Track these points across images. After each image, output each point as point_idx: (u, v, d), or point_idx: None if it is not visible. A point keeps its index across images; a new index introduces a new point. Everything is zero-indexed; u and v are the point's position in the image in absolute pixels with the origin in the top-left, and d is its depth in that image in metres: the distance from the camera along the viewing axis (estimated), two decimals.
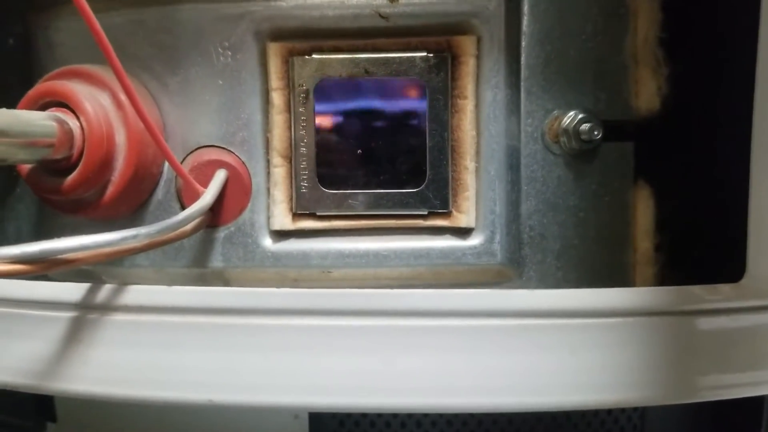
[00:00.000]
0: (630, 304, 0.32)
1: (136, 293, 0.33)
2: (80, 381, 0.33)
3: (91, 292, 0.33)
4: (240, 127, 0.37)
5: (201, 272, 0.38)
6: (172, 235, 0.33)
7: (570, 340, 0.31)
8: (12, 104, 0.32)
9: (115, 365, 0.33)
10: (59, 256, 0.29)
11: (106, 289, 0.33)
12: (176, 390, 0.32)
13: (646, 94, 0.37)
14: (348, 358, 0.32)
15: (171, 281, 0.37)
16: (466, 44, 0.36)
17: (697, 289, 0.33)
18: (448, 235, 0.37)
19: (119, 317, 0.33)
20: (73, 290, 0.33)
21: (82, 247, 0.29)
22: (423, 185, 0.36)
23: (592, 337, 0.31)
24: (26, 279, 0.34)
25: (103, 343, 0.33)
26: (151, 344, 0.32)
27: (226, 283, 0.38)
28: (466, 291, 0.32)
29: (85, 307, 0.33)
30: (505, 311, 0.31)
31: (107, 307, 0.33)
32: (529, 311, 0.31)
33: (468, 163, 0.36)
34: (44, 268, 0.29)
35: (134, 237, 0.30)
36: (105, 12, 0.34)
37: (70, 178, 0.33)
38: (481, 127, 0.36)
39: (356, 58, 0.36)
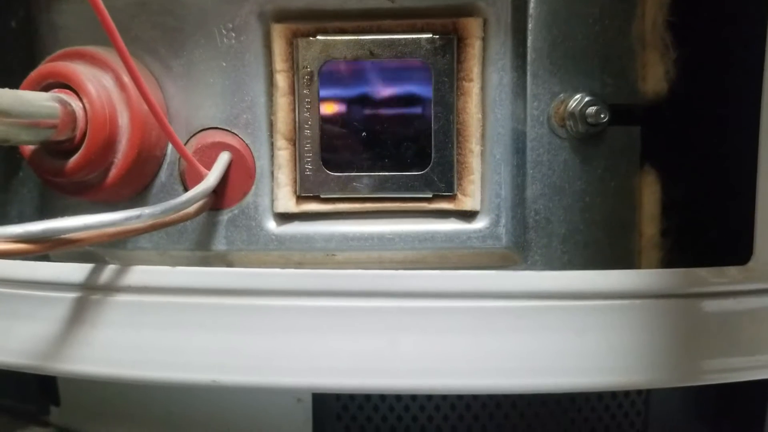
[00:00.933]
0: (637, 286, 0.31)
1: (140, 274, 0.33)
2: (84, 362, 0.33)
3: (95, 272, 0.33)
4: (244, 109, 0.37)
5: (204, 255, 0.37)
6: (175, 216, 0.33)
7: (576, 322, 0.31)
8: (14, 87, 0.32)
9: (119, 346, 0.33)
10: (62, 236, 0.29)
11: (110, 269, 0.33)
12: (180, 371, 0.32)
13: (654, 77, 0.37)
14: (353, 339, 0.31)
15: (174, 264, 0.37)
16: (472, 26, 0.35)
17: (703, 272, 0.32)
18: (453, 219, 0.37)
19: (123, 298, 0.33)
20: (76, 271, 0.33)
21: (85, 226, 0.29)
22: (428, 168, 0.36)
23: (598, 319, 0.31)
24: (29, 260, 0.34)
25: (106, 324, 0.33)
26: (155, 325, 0.32)
27: (229, 265, 0.37)
28: (472, 272, 0.32)
29: (89, 287, 0.33)
30: (511, 292, 0.31)
31: (111, 288, 0.33)
32: (535, 293, 0.31)
33: (473, 146, 0.36)
34: (47, 247, 0.29)
35: (138, 217, 0.30)
36: None
37: (73, 159, 0.33)
38: (486, 109, 0.36)
39: (361, 39, 0.35)
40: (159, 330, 0.32)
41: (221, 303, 0.32)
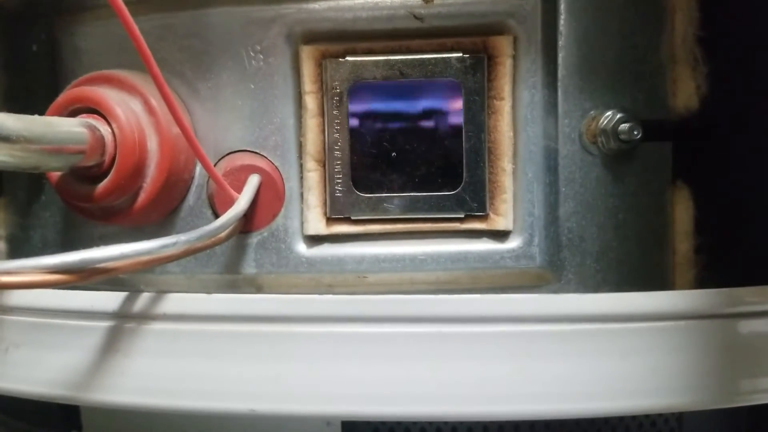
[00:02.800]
0: (680, 307, 0.31)
1: (175, 301, 0.32)
2: (118, 392, 0.32)
3: (129, 301, 0.33)
4: (273, 131, 0.36)
5: (233, 278, 0.37)
6: (208, 242, 0.32)
7: (621, 345, 0.31)
8: (36, 109, 0.32)
9: (154, 375, 0.32)
10: (98, 266, 0.28)
11: (144, 297, 0.33)
12: (217, 400, 0.32)
13: (685, 93, 0.37)
14: (393, 366, 0.31)
15: (202, 287, 0.37)
16: (503, 44, 0.35)
17: (743, 291, 0.32)
18: (485, 239, 0.36)
19: (158, 326, 0.32)
20: (110, 299, 0.33)
21: (121, 255, 0.29)
22: (459, 188, 0.36)
23: (643, 341, 0.31)
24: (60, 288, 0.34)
25: (141, 353, 0.32)
26: (191, 353, 0.32)
27: (259, 289, 0.37)
28: (515, 296, 0.32)
29: (123, 316, 0.32)
30: (554, 316, 0.31)
31: (145, 316, 0.32)
32: (579, 316, 0.30)
33: (505, 164, 0.36)
34: (83, 277, 0.28)
35: (173, 245, 0.30)
36: (135, 17, 0.33)
37: (102, 185, 0.33)
38: (518, 128, 0.36)
39: (390, 59, 0.35)
40: (195, 358, 0.32)
41: (257, 330, 0.31)
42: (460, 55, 0.35)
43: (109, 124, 0.33)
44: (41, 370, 0.33)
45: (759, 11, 0.36)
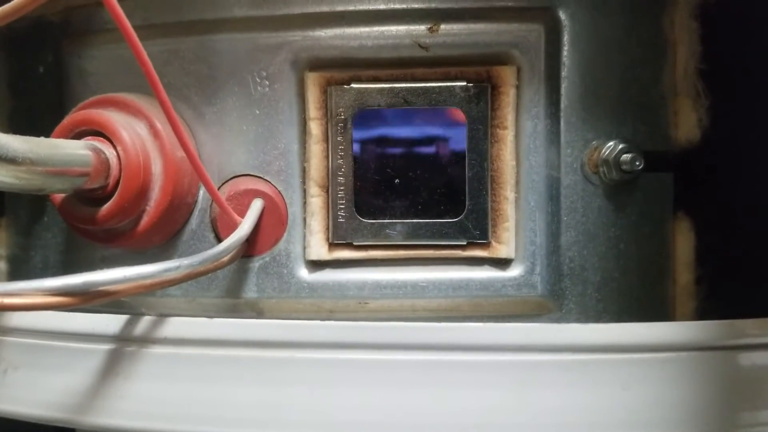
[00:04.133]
0: (682, 338, 0.31)
1: (176, 325, 0.32)
2: (118, 415, 0.32)
3: (130, 324, 0.32)
4: (277, 156, 0.36)
5: (234, 302, 0.37)
6: (210, 266, 0.32)
7: (623, 375, 0.30)
8: (42, 131, 0.32)
9: (154, 399, 0.32)
10: (100, 288, 0.28)
11: (145, 321, 0.32)
12: (217, 425, 0.31)
13: (687, 125, 0.37)
14: (395, 393, 0.31)
15: (203, 311, 0.37)
16: (507, 74, 0.35)
17: (746, 323, 0.32)
18: (487, 266, 0.36)
19: (158, 350, 0.32)
20: (111, 322, 0.33)
21: (124, 279, 0.29)
22: (462, 215, 0.36)
23: (645, 371, 0.31)
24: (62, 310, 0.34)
25: (141, 377, 0.32)
26: (191, 378, 0.32)
27: (260, 313, 0.37)
28: (515, 325, 0.32)
29: (124, 339, 0.32)
30: (557, 346, 0.30)
31: (146, 340, 0.32)
32: (582, 346, 0.30)
33: (508, 193, 0.36)
34: (86, 300, 0.28)
35: (176, 269, 0.30)
36: (142, 41, 0.34)
37: (106, 207, 0.33)
38: (521, 157, 0.36)
39: (395, 87, 0.36)
40: (195, 383, 0.32)
41: (258, 356, 0.31)
42: (464, 84, 0.35)
43: (114, 147, 0.33)
44: (40, 392, 0.33)
45: (760, 45, 0.37)
